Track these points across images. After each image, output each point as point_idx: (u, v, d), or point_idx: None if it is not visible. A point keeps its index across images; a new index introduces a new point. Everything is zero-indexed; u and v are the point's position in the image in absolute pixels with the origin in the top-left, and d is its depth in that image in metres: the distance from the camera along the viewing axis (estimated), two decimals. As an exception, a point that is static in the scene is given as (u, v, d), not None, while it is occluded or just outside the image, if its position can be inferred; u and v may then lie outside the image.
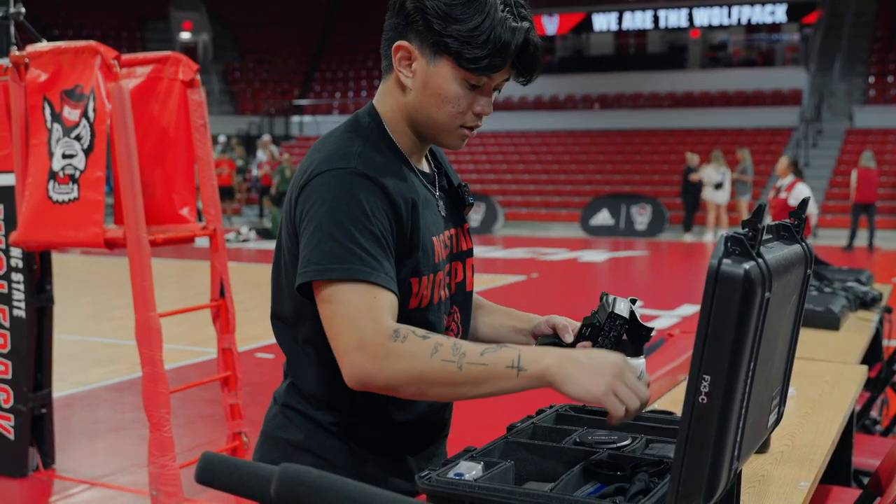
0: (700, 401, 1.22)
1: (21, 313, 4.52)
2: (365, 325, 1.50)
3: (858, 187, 16.26)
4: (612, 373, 1.45)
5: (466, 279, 1.84)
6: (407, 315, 1.64)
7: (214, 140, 22.37)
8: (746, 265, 1.19)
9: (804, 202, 1.56)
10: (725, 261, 1.20)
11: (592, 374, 1.44)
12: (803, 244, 1.52)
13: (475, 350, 1.49)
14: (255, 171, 22.20)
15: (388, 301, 1.54)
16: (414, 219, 1.64)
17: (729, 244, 1.22)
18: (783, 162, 11.62)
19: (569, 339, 1.76)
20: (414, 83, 1.64)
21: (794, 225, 1.53)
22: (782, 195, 11.28)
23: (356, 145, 1.64)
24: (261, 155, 22.16)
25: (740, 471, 1.59)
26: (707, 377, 1.21)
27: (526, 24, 1.60)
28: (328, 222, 1.55)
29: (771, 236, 1.46)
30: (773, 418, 1.59)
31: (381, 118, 1.72)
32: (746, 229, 1.25)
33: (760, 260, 1.23)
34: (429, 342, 1.49)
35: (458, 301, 1.82)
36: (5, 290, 4.53)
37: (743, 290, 1.19)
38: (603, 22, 29.94)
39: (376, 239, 1.55)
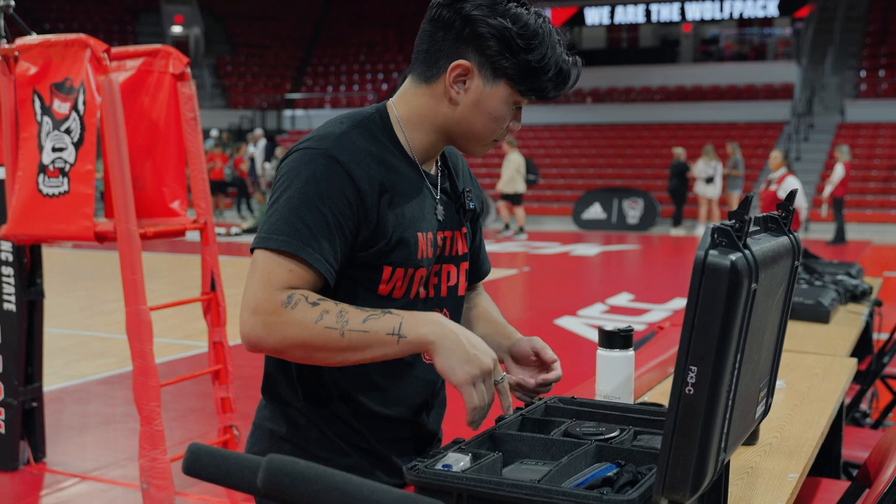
0: (687, 392, 1.22)
1: (11, 307, 4.51)
2: (264, 290, 1.57)
3: (845, 180, 16.32)
4: (482, 369, 1.55)
5: (459, 283, 1.87)
6: (375, 304, 1.68)
7: (206, 134, 22.33)
8: (733, 256, 1.20)
9: (792, 194, 1.56)
10: (712, 252, 1.20)
11: (465, 360, 1.54)
12: (791, 236, 1.52)
13: (358, 317, 1.56)
14: (242, 165, 22.11)
15: (304, 276, 1.59)
16: (383, 206, 1.67)
17: (715, 235, 1.22)
18: (777, 155, 11.65)
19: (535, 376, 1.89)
20: (464, 99, 1.70)
21: (781, 217, 1.53)
22: (773, 188, 11.33)
23: (343, 128, 1.69)
24: (251, 148, 22.11)
25: (728, 462, 1.59)
26: (694, 368, 1.21)
27: (577, 57, 1.73)
28: (285, 197, 1.62)
29: (758, 228, 1.46)
30: (760, 410, 1.59)
31: (390, 114, 1.76)
32: (733, 221, 1.25)
33: (747, 251, 1.23)
34: (317, 308, 1.56)
35: (448, 304, 1.84)
36: (-5, 284, 4.53)
37: (729, 282, 1.19)
38: (595, 16, 29.96)
39: (324, 220, 1.60)
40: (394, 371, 1.76)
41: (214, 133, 23.76)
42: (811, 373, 2.81)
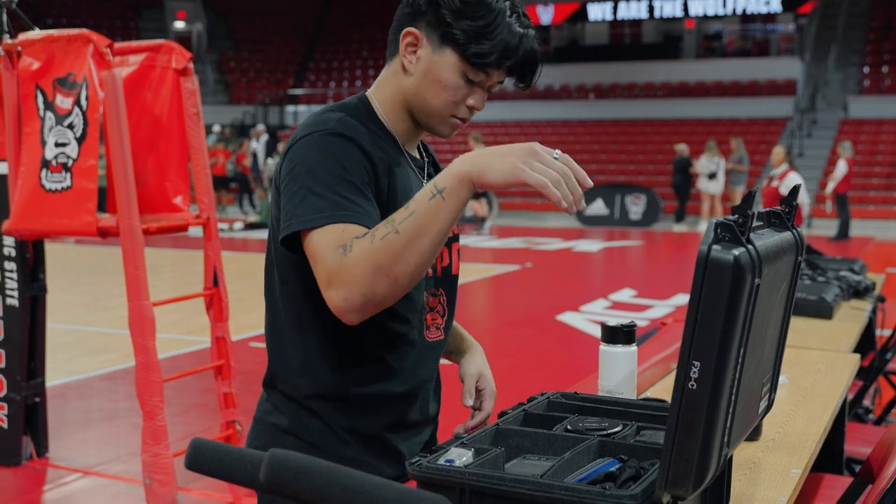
0: (690, 387, 1.22)
1: (14, 302, 4.52)
2: (327, 259, 1.55)
3: (848, 177, 16.28)
4: (525, 151, 1.47)
5: (452, 263, 1.90)
6: None
7: (209, 130, 22.30)
8: (736, 251, 1.19)
9: (795, 189, 1.55)
10: (715, 247, 1.20)
11: (505, 155, 1.48)
12: (794, 231, 1.52)
13: (400, 211, 1.54)
14: (245, 160, 22.09)
15: (356, 232, 1.57)
16: (391, 182, 1.71)
17: (719, 230, 1.22)
18: (780, 151, 11.64)
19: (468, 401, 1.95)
20: (416, 69, 1.74)
21: (784, 212, 1.53)
22: (774, 183, 11.33)
23: (338, 114, 1.73)
24: (253, 144, 22.11)
25: (731, 457, 1.59)
26: (697, 363, 1.21)
27: (531, 32, 1.72)
28: (309, 179, 1.62)
29: (762, 223, 1.45)
30: (763, 405, 1.59)
31: (371, 102, 1.81)
32: (736, 216, 1.24)
33: (750, 246, 1.23)
34: (367, 235, 1.54)
35: (443, 284, 1.87)
36: (-2, 279, 4.53)
37: (732, 276, 1.18)
38: (598, 11, 29.89)
39: (355, 187, 1.62)
40: (397, 347, 1.78)
41: (217, 128, 23.75)
42: (814, 368, 2.81)
